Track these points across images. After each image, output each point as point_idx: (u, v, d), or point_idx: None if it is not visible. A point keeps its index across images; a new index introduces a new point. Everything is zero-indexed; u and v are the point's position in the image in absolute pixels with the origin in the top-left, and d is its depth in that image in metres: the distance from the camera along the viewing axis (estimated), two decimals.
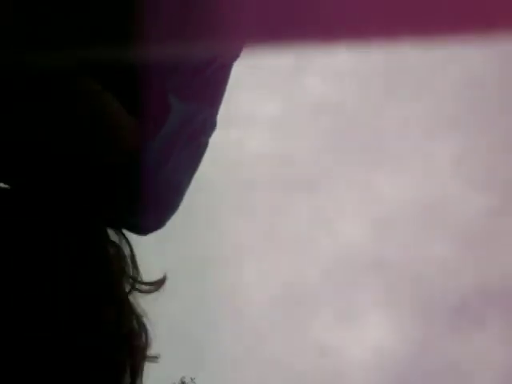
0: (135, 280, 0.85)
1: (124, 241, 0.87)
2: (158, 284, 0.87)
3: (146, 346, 0.84)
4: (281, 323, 12.53)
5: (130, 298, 0.85)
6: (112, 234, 0.89)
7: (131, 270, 0.86)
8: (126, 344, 0.81)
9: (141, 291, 0.86)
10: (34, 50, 0.78)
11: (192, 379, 11.34)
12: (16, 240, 0.78)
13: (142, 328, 0.84)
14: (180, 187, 0.93)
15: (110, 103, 0.80)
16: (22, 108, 0.78)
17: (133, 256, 0.87)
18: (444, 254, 12.64)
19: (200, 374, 10.77)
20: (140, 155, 0.83)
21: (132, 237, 0.98)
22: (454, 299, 12.60)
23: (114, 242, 0.86)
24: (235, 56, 0.93)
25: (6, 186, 0.85)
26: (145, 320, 0.86)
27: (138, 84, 0.81)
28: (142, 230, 0.94)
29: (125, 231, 0.93)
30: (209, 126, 0.95)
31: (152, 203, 0.90)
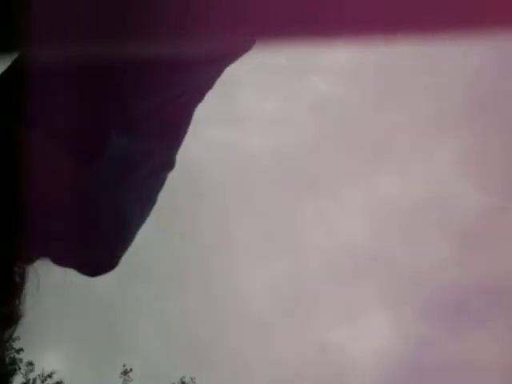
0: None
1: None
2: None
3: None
4: (282, 322, 12.52)
5: None
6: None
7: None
8: None
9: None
10: None
11: (192, 379, 11.35)
12: None
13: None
14: (128, 223, 0.89)
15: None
16: None
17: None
18: (445, 253, 12.64)
19: (200, 374, 10.78)
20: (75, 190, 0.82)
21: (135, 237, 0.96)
22: (454, 298, 12.60)
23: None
24: (211, 81, 0.90)
25: None
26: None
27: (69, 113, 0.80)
28: (92, 269, 0.90)
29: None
30: (166, 165, 0.92)
31: (98, 238, 0.87)
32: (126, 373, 11.05)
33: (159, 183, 0.92)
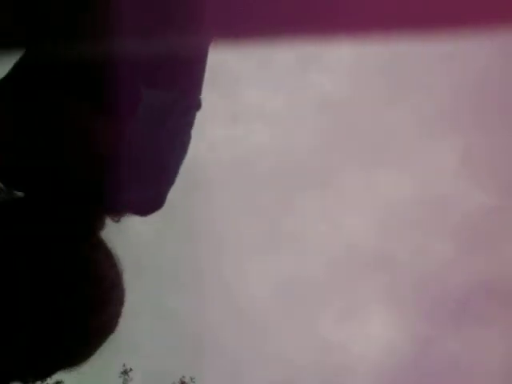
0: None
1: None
2: None
3: None
4: (284, 320, 12.53)
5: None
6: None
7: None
8: None
9: None
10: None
11: (192, 379, 11.35)
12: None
13: None
14: (169, 164, 1.00)
15: (78, 114, 0.91)
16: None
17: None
18: (446, 251, 12.64)
19: (200, 374, 10.78)
20: (119, 145, 0.93)
21: (131, 236, 1.00)
22: (456, 296, 12.60)
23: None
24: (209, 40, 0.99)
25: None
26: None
27: (107, 78, 0.90)
28: (144, 209, 1.01)
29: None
30: (192, 107, 1.03)
31: (145, 182, 0.97)
32: (125, 372, 11.06)
33: (189, 123, 1.04)
